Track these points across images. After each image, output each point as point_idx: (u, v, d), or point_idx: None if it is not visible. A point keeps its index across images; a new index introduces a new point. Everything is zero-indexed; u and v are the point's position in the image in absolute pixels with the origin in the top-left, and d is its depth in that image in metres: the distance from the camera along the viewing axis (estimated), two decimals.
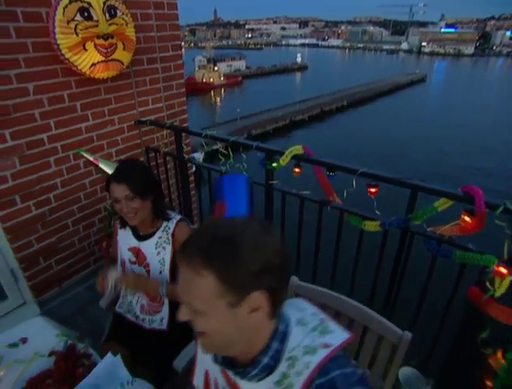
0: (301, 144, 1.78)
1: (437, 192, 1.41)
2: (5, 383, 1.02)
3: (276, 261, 0.64)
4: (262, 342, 0.69)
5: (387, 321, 1.14)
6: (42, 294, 2.30)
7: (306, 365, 0.65)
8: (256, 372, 0.69)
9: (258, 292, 0.63)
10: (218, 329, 0.65)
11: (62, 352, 1.11)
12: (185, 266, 0.64)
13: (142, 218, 1.34)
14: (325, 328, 0.71)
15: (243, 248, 0.62)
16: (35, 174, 2.02)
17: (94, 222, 2.48)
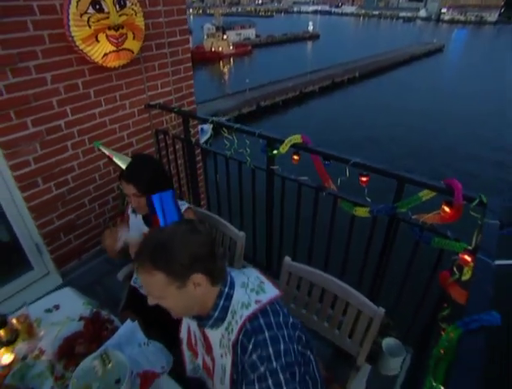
0: (300, 133, 1.91)
1: (420, 184, 1.55)
2: (46, 341, 1.25)
3: (203, 251, 0.91)
4: (211, 301, 0.96)
5: (365, 298, 1.32)
6: (63, 266, 2.54)
7: (241, 316, 0.92)
8: (211, 323, 0.97)
9: (195, 274, 0.91)
10: (176, 304, 0.95)
11: (89, 317, 1.33)
12: (141, 270, 0.92)
13: (147, 210, 1.50)
14: (261, 289, 0.97)
15: (174, 249, 0.89)
16: (54, 158, 2.20)
17: (108, 200, 2.67)
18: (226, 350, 0.96)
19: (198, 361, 1.14)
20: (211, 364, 1.05)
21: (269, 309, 0.93)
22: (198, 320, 1.01)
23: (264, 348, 0.87)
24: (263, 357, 0.86)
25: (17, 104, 1.92)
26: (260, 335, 0.88)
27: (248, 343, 0.88)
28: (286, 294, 1.64)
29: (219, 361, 1.00)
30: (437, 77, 33.84)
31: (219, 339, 0.98)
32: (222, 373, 0.99)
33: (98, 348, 1.16)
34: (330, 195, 1.88)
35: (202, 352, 1.09)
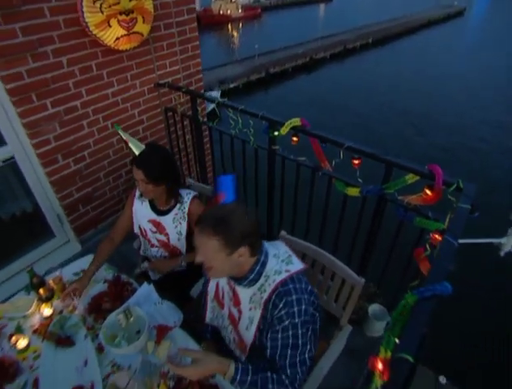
0: (299, 117, 2.06)
1: (406, 168, 1.71)
2: (76, 300, 1.49)
3: (251, 229, 1.13)
4: (248, 266, 1.19)
5: (349, 269, 1.53)
6: (82, 234, 2.79)
7: (274, 280, 1.17)
8: (246, 282, 1.21)
9: (242, 247, 1.12)
10: (220, 266, 1.16)
11: (112, 280, 1.57)
12: (200, 233, 1.12)
13: (154, 196, 1.67)
14: (289, 261, 1.21)
15: (231, 223, 1.09)
16: (72, 136, 2.39)
17: (121, 174, 2.88)
18: (256, 305, 1.20)
19: (223, 311, 1.37)
20: (237, 315, 1.29)
21: (295, 278, 1.17)
22: (234, 280, 1.24)
23: (291, 307, 1.12)
24: (289, 314, 1.12)
25: (37, 87, 2.09)
26: (289, 296, 1.13)
27: (279, 302, 1.13)
28: None
29: (247, 314, 1.24)
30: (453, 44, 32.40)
31: (249, 296, 1.22)
32: (249, 322, 1.24)
33: (121, 306, 1.41)
34: (325, 175, 2.05)
35: (229, 305, 1.33)
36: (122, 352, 1.27)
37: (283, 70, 25.50)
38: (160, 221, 1.77)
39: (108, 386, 1.22)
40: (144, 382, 1.20)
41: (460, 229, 1.35)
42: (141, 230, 1.86)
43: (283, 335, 1.13)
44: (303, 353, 1.15)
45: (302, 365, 1.16)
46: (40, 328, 1.41)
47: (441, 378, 7.63)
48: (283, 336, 1.13)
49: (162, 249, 1.86)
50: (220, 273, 1.22)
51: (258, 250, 1.19)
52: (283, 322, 1.13)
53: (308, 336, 1.17)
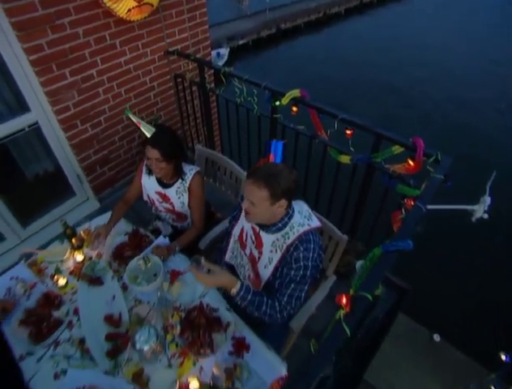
0: (299, 88, 2.22)
1: (392, 140, 1.90)
2: (102, 249, 1.78)
3: (293, 186, 1.39)
4: (279, 217, 1.46)
5: (335, 227, 1.78)
6: (100, 193, 3.07)
7: (298, 230, 1.45)
8: (274, 229, 1.48)
9: (284, 199, 1.38)
10: (262, 212, 1.41)
11: (131, 232, 1.85)
12: (253, 184, 1.37)
13: (164, 174, 1.88)
14: (310, 217, 1.50)
15: (280, 179, 1.35)
16: (89, 102, 2.59)
17: (134, 138, 3.10)
18: (277, 248, 1.49)
19: (245, 251, 1.66)
20: (257, 255, 1.58)
21: (314, 232, 1.48)
22: (260, 227, 1.52)
23: (308, 252, 1.42)
24: (306, 257, 1.42)
25: (57, 57, 2.27)
26: (309, 244, 1.43)
27: (301, 246, 1.43)
28: None
29: (267, 255, 1.53)
30: None
31: (272, 240, 1.51)
32: (267, 262, 1.54)
33: (140, 253, 1.69)
34: (321, 143, 2.25)
35: (251, 247, 1.61)
36: (143, 290, 1.57)
37: (295, 26, 24.53)
38: (165, 193, 2.00)
39: (132, 315, 1.53)
40: (161, 312, 1.51)
41: (430, 196, 1.57)
42: (150, 199, 2.12)
43: (295, 272, 1.43)
44: (301, 291, 1.45)
45: (296, 300, 1.45)
46: (74, 270, 1.71)
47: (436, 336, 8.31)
48: (295, 273, 1.43)
49: (169, 213, 2.12)
50: (260, 218, 1.47)
51: (290, 206, 1.48)
52: (299, 263, 1.42)
53: (307, 282, 1.46)
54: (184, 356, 1.42)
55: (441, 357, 10.26)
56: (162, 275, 1.59)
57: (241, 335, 1.47)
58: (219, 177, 2.46)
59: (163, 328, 1.49)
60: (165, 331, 1.48)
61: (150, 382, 1.35)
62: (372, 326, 2.56)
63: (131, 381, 1.34)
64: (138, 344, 1.33)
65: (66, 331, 1.52)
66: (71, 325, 1.54)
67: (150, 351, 1.35)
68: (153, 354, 1.37)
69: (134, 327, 1.46)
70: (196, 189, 1.93)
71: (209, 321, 1.45)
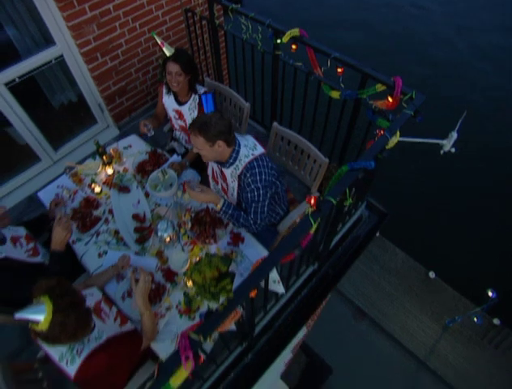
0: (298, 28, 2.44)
1: (376, 79, 2.17)
2: (128, 164, 2.21)
3: (224, 129, 1.73)
4: (228, 154, 1.82)
5: (318, 151, 2.15)
6: (119, 121, 3.44)
7: (244, 161, 1.81)
8: (227, 165, 1.86)
9: (220, 140, 1.73)
10: (207, 154, 1.82)
11: (151, 151, 2.26)
12: (192, 134, 1.75)
13: (181, 87, 2.24)
14: (255, 147, 1.85)
15: (211, 126, 1.70)
16: (107, 36, 2.85)
17: (149, 70, 3.38)
18: (234, 179, 1.88)
19: (218, 186, 2.09)
20: (226, 186, 2.01)
21: (259, 158, 1.83)
22: (219, 164, 1.91)
23: (254, 176, 1.79)
24: (254, 181, 1.80)
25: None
26: (254, 170, 1.80)
27: (247, 173, 1.80)
28: (273, 147, 2.50)
29: (231, 184, 1.94)
30: None
31: (230, 173, 1.90)
32: (232, 190, 1.96)
33: (159, 168, 2.11)
34: (316, 80, 2.52)
35: (221, 181, 2.04)
36: (161, 196, 2.03)
37: None
38: (181, 110, 2.41)
39: (153, 214, 1.99)
40: (176, 212, 1.96)
41: (397, 128, 1.89)
42: (170, 117, 2.53)
43: (250, 194, 1.83)
44: (262, 207, 1.86)
45: (261, 214, 1.88)
46: (107, 181, 2.16)
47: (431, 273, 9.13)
48: (251, 195, 1.83)
49: (183, 132, 2.52)
50: (209, 158, 1.86)
51: (233, 143, 1.82)
52: (250, 186, 1.81)
53: (267, 196, 1.86)
54: (193, 245, 1.90)
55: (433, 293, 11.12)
56: (176, 185, 2.02)
57: (237, 230, 1.93)
58: (224, 106, 2.78)
59: (177, 224, 1.95)
60: (179, 226, 1.95)
61: (169, 260, 1.84)
62: (354, 242, 3.02)
63: (156, 258, 1.83)
64: (160, 232, 1.80)
65: (103, 225, 2.00)
66: (108, 221, 2.02)
67: (168, 239, 1.82)
68: (170, 241, 1.85)
69: (156, 221, 1.92)
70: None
71: (213, 219, 1.91)
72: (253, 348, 2.39)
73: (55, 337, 1.27)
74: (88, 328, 1.38)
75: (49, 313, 1.23)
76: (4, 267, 1.65)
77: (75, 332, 1.31)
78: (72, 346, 1.40)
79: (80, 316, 1.32)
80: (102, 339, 1.47)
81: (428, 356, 9.69)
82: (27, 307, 1.21)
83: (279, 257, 1.47)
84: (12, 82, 2.61)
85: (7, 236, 1.76)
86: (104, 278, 1.78)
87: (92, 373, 1.42)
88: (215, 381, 2.21)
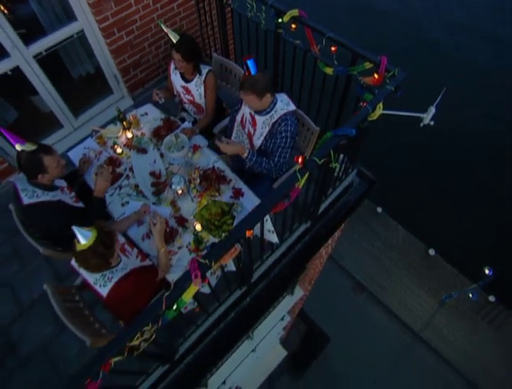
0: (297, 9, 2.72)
1: (365, 57, 2.47)
2: (145, 129, 2.59)
3: (269, 83, 2.18)
4: (268, 105, 2.30)
5: (311, 121, 2.48)
6: (133, 91, 3.78)
7: (280, 113, 2.31)
8: (264, 113, 2.34)
9: (267, 93, 2.18)
10: (257, 105, 2.26)
11: (165, 118, 2.63)
12: (244, 93, 2.21)
13: (185, 70, 2.60)
14: (288, 104, 2.30)
15: (259, 83, 2.13)
16: (123, 13, 3.15)
17: (161, 44, 3.68)
18: (266, 125, 2.30)
19: (244, 130, 2.51)
20: (253, 132, 2.41)
21: (291, 113, 2.26)
22: (255, 112, 2.33)
23: (287, 126, 2.23)
24: (285, 130, 2.23)
25: None
26: (287, 121, 2.23)
27: (282, 122, 2.23)
28: None
29: (260, 130, 2.36)
30: None
31: (262, 121, 2.33)
32: (260, 135, 2.36)
33: (172, 133, 2.47)
34: (312, 57, 2.82)
35: (248, 126, 2.44)
36: (174, 156, 2.41)
37: None
38: (187, 86, 2.77)
39: (168, 171, 2.37)
40: (186, 170, 2.34)
41: (378, 101, 2.22)
42: (177, 92, 2.86)
43: (280, 140, 2.27)
44: (286, 153, 2.30)
45: (283, 158, 2.33)
46: (127, 143, 2.54)
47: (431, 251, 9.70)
48: (280, 141, 2.27)
49: (191, 105, 2.87)
50: (256, 107, 2.27)
51: (273, 95, 2.25)
52: (281, 134, 2.25)
53: (291, 145, 2.31)
54: (201, 197, 2.28)
55: (432, 269, 11.52)
56: (187, 147, 2.39)
57: (238, 186, 2.31)
58: (231, 80, 3.11)
59: (188, 180, 2.33)
60: (189, 182, 2.33)
61: (181, 210, 2.23)
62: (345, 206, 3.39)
63: (170, 206, 2.23)
64: (173, 186, 2.18)
65: (125, 180, 2.39)
66: (128, 177, 2.41)
67: (180, 191, 2.20)
68: (182, 194, 2.24)
69: (170, 176, 2.30)
70: (209, 82, 2.70)
71: (218, 176, 2.29)
72: (251, 292, 2.80)
73: (83, 259, 1.68)
74: (106, 267, 1.78)
75: (91, 240, 1.63)
76: (59, 207, 2.08)
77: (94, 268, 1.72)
78: (104, 274, 1.81)
79: (102, 260, 1.72)
80: (127, 270, 1.88)
81: (424, 328, 10.25)
82: (81, 229, 1.61)
83: (269, 204, 1.84)
84: (39, 54, 2.95)
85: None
86: (128, 223, 2.18)
87: (120, 295, 1.84)
88: (217, 318, 2.63)
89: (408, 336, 10.17)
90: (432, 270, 10.67)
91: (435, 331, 9.99)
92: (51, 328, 2.67)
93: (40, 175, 2.07)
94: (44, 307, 2.67)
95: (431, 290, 10.45)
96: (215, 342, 2.66)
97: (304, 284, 5.75)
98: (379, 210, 11.55)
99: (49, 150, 2.09)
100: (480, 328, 9.90)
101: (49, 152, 2.07)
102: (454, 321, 10.08)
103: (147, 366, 2.35)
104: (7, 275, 2.90)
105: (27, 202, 2.08)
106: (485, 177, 11.35)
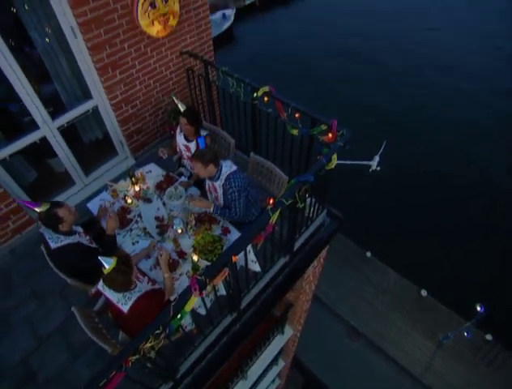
0: (268, 86, 3.57)
1: (321, 121, 3.27)
2: (150, 184, 3.29)
3: (213, 157, 2.92)
4: (215, 172, 2.99)
5: (282, 173, 3.21)
6: (135, 153, 4.54)
7: (224, 177, 3.02)
8: (215, 179, 3.05)
9: (211, 164, 2.90)
10: (204, 173, 3.00)
11: (165, 175, 3.34)
12: (195, 161, 2.91)
13: (188, 132, 3.38)
14: (231, 167, 3.01)
15: (205, 156, 2.88)
16: (130, 91, 4.00)
17: (158, 114, 4.52)
18: (220, 187, 3.00)
19: (212, 195, 3.19)
20: (215, 194, 3.11)
21: (234, 173, 2.95)
22: (210, 179, 3.03)
23: (231, 184, 2.92)
24: (232, 187, 2.94)
25: (112, 64, 3.66)
26: (230, 180, 2.93)
27: (227, 183, 2.93)
28: (252, 170, 3.57)
29: (219, 192, 3.05)
30: None
31: (218, 185, 3.01)
32: (220, 195, 3.07)
33: (171, 185, 3.17)
34: (282, 122, 3.63)
35: (213, 192, 3.14)
36: (174, 204, 3.09)
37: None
38: (188, 145, 3.54)
39: (169, 216, 3.03)
40: (184, 214, 3.02)
41: (331, 154, 2.96)
42: (180, 149, 3.61)
43: (231, 196, 2.94)
44: (239, 203, 2.96)
45: (239, 208, 2.97)
46: (135, 195, 3.22)
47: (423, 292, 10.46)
48: (231, 197, 2.93)
49: (189, 161, 3.60)
50: (203, 174, 2.96)
51: (218, 165, 2.94)
52: (229, 191, 2.92)
53: (241, 196, 2.96)
54: (196, 234, 2.92)
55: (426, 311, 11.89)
56: (184, 197, 3.07)
57: (226, 226, 2.97)
58: (217, 141, 3.88)
59: (186, 222, 2.99)
60: (187, 223, 2.98)
61: (181, 245, 2.86)
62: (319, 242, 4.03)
63: (172, 243, 2.86)
64: (175, 226, 2.83)
65: (135, 224, 3.04)
66: (137, 222, 3.07)
67: (180, 231, 2.85)
68: (182, 233, 2.88)
69: (171, 220, 2.96)
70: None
71: (209, 218, 2.97)
72: (240, 318, 3.33)
73: (109, 281, 2.27)
74: (129, 287, 2.38)
75: (113, 263, 2.24)
76: (78, 247, 2.69)
77: (120, 286, 2.31)
78: (124, 294, 2.39)
79: (124, 280, 2.32)
80: (142, 292, 2.46)
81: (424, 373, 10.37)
82: (105, 258, 2.22)
83: (249, 235, 2.49)
84: (62, 126, 3.71)
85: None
86: (138, 257, 2.80)
87: (138, 310, 2.41)
88: (213, 341, 3.14)
89: (408, 382, 10.26)
90: (426, 311, 11.01)
91: (435, 375, 10.11)
92: (65, 357, 3.14)
93: (60, 225, 2.71)
94: (60, 338, 3.20)
95: (427, 332, 10.71)
96: (210, 364, 3.14)
97: (293, 324, 6.17)
98: (368, 254, 12.09)
99: (59, 204, 2.74)
100: (480, 371, 10.05)
101: (60, 206, 2.72)
102: (453, 364, 10.23)
103: (153, 382, 2.82)
104: (27, 313, 3.41)
105: (54, 246, 2.70)
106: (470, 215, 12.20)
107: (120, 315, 2.43)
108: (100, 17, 3.33)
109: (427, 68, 17.43)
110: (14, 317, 3.39)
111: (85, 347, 3.08)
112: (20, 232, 3.84)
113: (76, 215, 2.79)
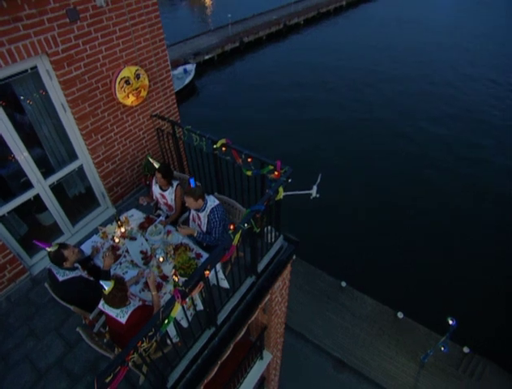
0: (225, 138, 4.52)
1: (268, 163, 4.21)
2: (133, 225, 4.06)
3: (201, 193, 3.85)
4: (202, 205, 3.92)
5: (239, 205, 4.08)
6: (115, 203, 5.30)
7: (209, 209, 3.95)
8: (201, 211, 3.98)
9: (200, 199, 3.83)
10: (193, 205, 3.90)
11: (146, 216, 4.13)
12: (186, 197, 3.86)
13: (163, 184, 4.25)
14: (214, 201, 3.95)
15: (195, 193, 3.81)
16: (109, 151, 4.84)
17: (134, 168, 5.35)
18: (205, 217, 3.90)
19: (195, 223, 4.04)
20: (200, 223, 3.99)
21: (216, 206, 3.89)
22: (197, 211, 3.92)
23: (214, 215, 3.86)
24: (214, 217, 3.87)
25: (95, 129, 4.52)
26: (214, 212, 3.86)
27: (211, 214, 3.85)
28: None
29: (203, 221, 3.93)
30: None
31: (203, 215, 3.90)
32: (203, 224, 3.95)
33: (152, 225, 3.96)
34: (238, 166, 4.55)
35: (197, 220, 4.01)
36: (155, 239, 3.85)
37: (258, 39, 27.18)
38: (164, 193, 4.35)
39: (151, 249, 3.78)
40: (164, 246, 3.78)
41: (276, 188, 3.88)
42: (156, 197, 4.43)
43: (213, 224, 3.84)
44: (218, 230, 3.82)
45: (219, 233, 3.85)
46: (122, 235, 3.96)
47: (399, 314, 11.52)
48: (213, 224, 3.83)
49: (165, 206, 4.42)
50: (194, 206, 3.85)
51: (204, 199, 3.83)
52: (212, 220, 3.82)
53: (221, 225, 3.86)
54: (175, 261, 3.68)
55: (404, 332, 12.65)
56: (163, 232, 3.86)
57: (198, 252, 3.75)
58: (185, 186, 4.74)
59: (166, 252, 3.75)
60: (167, 253, 3.74)
61: (163, 271, 3.61)
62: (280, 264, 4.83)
63: (156, 269, 3.60)
64: (156, 256, 3.59)
65: (123, 258, 3.76)
66: (125, 256, 3.79)
67: (161, 259, 3.61)
68: (163, 261, 3.63)
69: (153, 252, 3.72)
70: (177, 192, 4.32)
71: (185, 247, 3.73)
72: (218, 333, 4.01)
73: (110, 299, 2.98)
74: (125, 302, 3.09)
75: (112, 284, 2.96)
76: (80, 279, 3.38)
77: (119, 302, 3.02)
78: (122, 309, 3.09)
79: (122, 296, 3.04)
80: (135, 306, 3.16)
81: None
82: (105, 281, 2.94)
83: (216, 254, 3.28)
84: (52, 184, 4.46)
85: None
86: (129, 283, 3.50)
87: (134, 321, 3.10)
88: (196, 353, 3.79)
89: None
90: (405, 333, 11.67)
91: None
92: (65, 384, 3.67)
93: (64, 262, 3.41)
94: (58, 369, 3.72)
95: (409, 353, 11.30)
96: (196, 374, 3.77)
97: (271, 348, 6.75)
98: (343, 284, 12.86)
99: (66, 246, 3.46)
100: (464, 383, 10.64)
101: (66, 247, 3.44)
102: (438, 381, 10.77)
103: None
104: (25, 351, 3.92)
105: (61, 279, 3.38)
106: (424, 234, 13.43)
107: (118, 328, 3.11)
108: (86, 94, 4.24)
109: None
110: (14, 356, 3.87)
111: (83, 372, 3.64)
112: (15, 281, 4.42)
113: (78, 255, 3.50)
